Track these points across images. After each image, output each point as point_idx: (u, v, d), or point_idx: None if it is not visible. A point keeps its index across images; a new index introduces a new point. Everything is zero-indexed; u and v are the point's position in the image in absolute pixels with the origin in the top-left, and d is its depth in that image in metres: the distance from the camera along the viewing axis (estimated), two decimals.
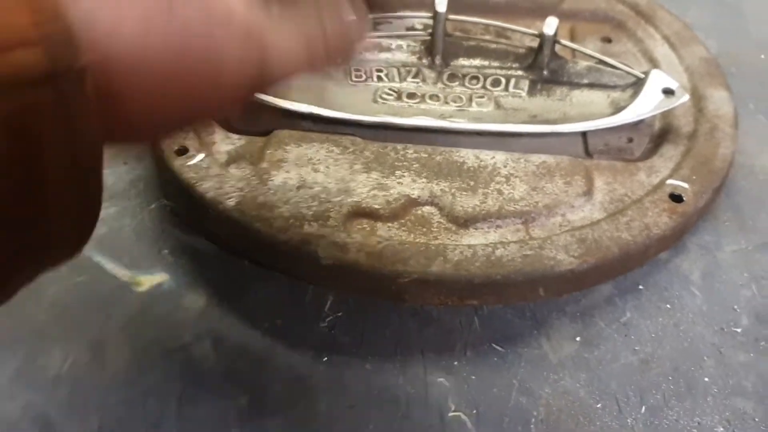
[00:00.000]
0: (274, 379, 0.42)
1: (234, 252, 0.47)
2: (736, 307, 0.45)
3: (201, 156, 0.47)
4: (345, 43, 0.32)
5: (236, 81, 0.27)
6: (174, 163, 0.47)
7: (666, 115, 0.54)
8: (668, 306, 0.45)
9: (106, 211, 0.51)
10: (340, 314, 0.45)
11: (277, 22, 0.27)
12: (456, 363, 0.43)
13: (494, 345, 0.43)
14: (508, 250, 0.43)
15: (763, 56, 0.64)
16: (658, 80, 0.50)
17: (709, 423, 0.40)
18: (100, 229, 0.48)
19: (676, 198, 0.47)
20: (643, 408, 0.41)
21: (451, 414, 0.41)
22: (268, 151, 0.48)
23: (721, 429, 0.40)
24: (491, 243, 0.43)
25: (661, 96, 0.49)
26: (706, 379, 0.42)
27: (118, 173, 0.54)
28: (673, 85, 0.49)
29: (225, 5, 0.25)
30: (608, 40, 0.61)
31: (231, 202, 0.45)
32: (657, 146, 0.52)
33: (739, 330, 0.44)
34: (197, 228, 0.48)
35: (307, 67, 0.29)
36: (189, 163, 0.47)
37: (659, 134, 0.53)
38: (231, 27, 0.25)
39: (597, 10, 0.63)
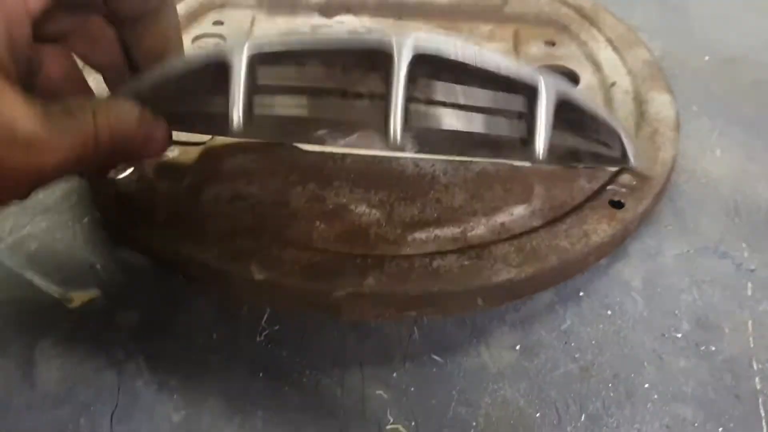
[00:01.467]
0: (210, 395, 0.41)
1: (167, 267, 0.46)
2: (677, 312, 0.45)
3: (131, 169, 0.46)
4: (124, 142, 0.35)
5: (13, 183, 0.31)
6: (104, 176, 0.45)
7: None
8: (609, 312, 0.45)
9: (38, 225, 0.50)
10: (277, 327, 0.44)
11: (53, 123, 0.31)
12: (395, 375, 0.42)
13: (434, 356, 0.43)
14: (446, 261, 0.43)
15: (707, 58, 0.64)
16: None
17: (649, 430, 0.40)
18: (31, 245, 0.46)
19: (615, 204, 0.46)
20: (583, 416, 0.40)
21: (389, 426, 0.40)
22: (201, 163, 0.47)
23: None
24: (429, 253, 0.43)
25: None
26: (646, 385, 0.41)
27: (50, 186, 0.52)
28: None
29: (8, 121, 0.28)
30: (552, 44, 0.61)
31: (161, 217, 0.44)
32: None
33: (679, 335, 0.44)
34: (130, 243, 0.47)
35: (81, 166, 0.33)
36: (119, 176, 0.45)
37: None
38: (13, 143, 0.29)
39: (540, 13, 0.63)
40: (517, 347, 0.43)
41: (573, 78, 0.59)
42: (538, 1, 0.64)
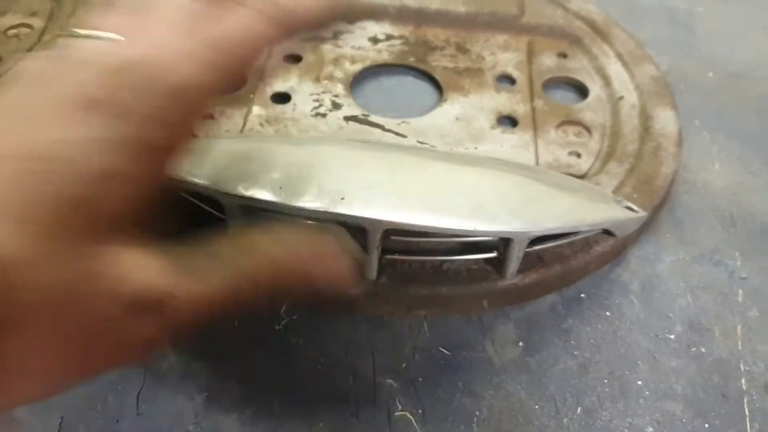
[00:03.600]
0: (230, 379, 0.44)
1: None
2: (671, 315, 0.48)
3: None
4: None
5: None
6: None
7: (615, 132, 0.56)
8: (608, 314, 0.48)
9: None
10: (294, 317, 0.47)
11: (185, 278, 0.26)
12: (404, 365, 0.45)
13: (441, 349, 0.46)
14: (455, 265, 0.46)
15: (711, 74, 0.66)
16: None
17: (640, 423, 0.42)
18: None
19: None
20: (579, 409, 0.43)
21: (398, 413, 0.43)
22: None
23: (651, 429, 0.42)
24: (439, 257, 0.46)
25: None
26: (640, 382, 0.44)
27: None
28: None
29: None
30: (564, 56, 0.64)
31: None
32: (604, 163, 0.54)
33: (672, 337, 0.46)
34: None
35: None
36: None
37: (607, 152, 0.56)
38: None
39: (555, 25, 0.66)
40: (521, 344, 0.46)
41: (582, 91, 0.61)
42: (553, 13, 0.67)
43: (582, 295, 0.49)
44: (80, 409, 0.43)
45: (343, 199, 0.42)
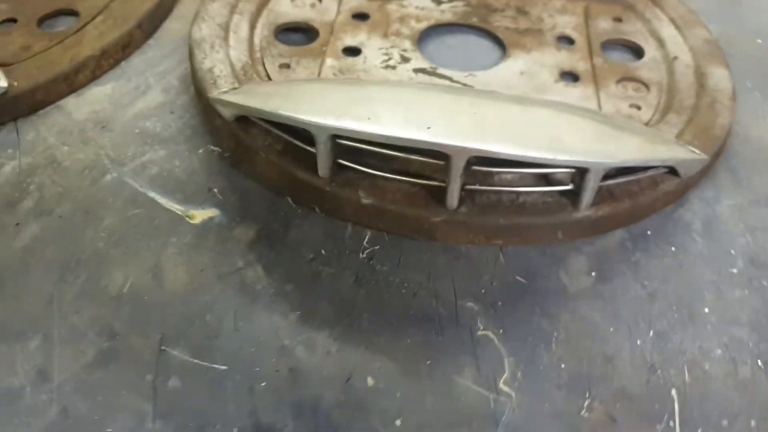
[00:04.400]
0: (321, 299, 0.47)
1: (279, 192, 0.51)
2: (732, 251, 0.50)
3: (228, 87, 0.52)
4: None
5: None
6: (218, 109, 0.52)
7: (671, 88, 0.59)
8: (673, 249, 0.50)
9: (157, 153, 0.56)
10: (377, 247, 0.50)
11: None
12: (483, 291, 0.48)
13: (518, 277, 0.48)
14: (531, 197, 0.48)
15: (759, 41, 0.69)
16: None
17: (709, 346, 0.45)
18: (152, 169, 0.53)
19: None
20: (651, 332, 0.46)
21: (480, 332, 0.46)
22: None
23: (720, 351, 0.45)
24: (516, 189, 0.48)
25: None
26: (706, 310, 0.47)
27: (166, 121, 0.59)
28: None
29: None
30: (619, 20, 0.67)
31: (279, 147, 0.50)
32: (663, 115, 0.57)
33: (735, 271, 0.49)
34: (245, 170, 0.53)
35: None
36: (218, 94, 0.51)
37: (665, 105, 0.58)
38: None
39: None
40: (593, 274, 0.49)
41: (638, 52, 0.64)
42: None
43: (648, 232, 0.51)
44: (179, 327, 0.46)
45: (429, 128, 0.44)
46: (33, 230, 0.51)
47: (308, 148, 0.48)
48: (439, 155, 0.46)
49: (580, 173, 0.46)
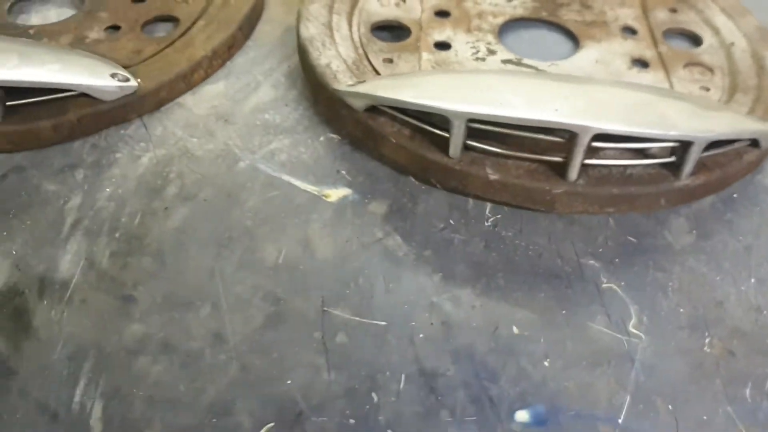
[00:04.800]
0: (458, 263, 0.53)
1: (403, 172, 0.57)
2: None
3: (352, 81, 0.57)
4: None
5: None
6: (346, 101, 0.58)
7: (733, 71, 0.66)
8: (758, 209, 0.57)
9: (282, 142, 0.62)
10: (499, 216, 0.56)
11: None
12: (601, 250, 0.54)
13: (629, 237, 0.55)
14: (637, 170, 0.55)
15: None
16: None
17: None
18: (280, 156, 0.58)
19: None
20: (753, 279, 0.52)
21: (604, 285, 0.52)
22: None
23: None
24: (622, 162, 0.55)
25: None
26: None
27: (282, 113, 0.64)
28: None
29: None
30: (674, 10, 0.74)
31: (407, 131, 0.56)
32: (731, 96, 0.64)
33: None
34: (368, 154, 0.59)
35: None
36: (343, 87, 0.57)
37: (731, 86, 0.65)
38: None
39: None
40: (693, 232, 0.55)
41: (696, 39, 0.71)
42: None
43: (735, 195, 0.58)
44: (336, 290, 0.52)
45: (556, 110, 0.51)
46: (182, 213, 0.56)
47: (437, 132, 0.54)
48: (559, 134, 0.52)
49: (682, 147, 0.53)
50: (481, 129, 0.52)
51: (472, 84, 0.54)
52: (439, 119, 0.53)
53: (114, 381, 0.47)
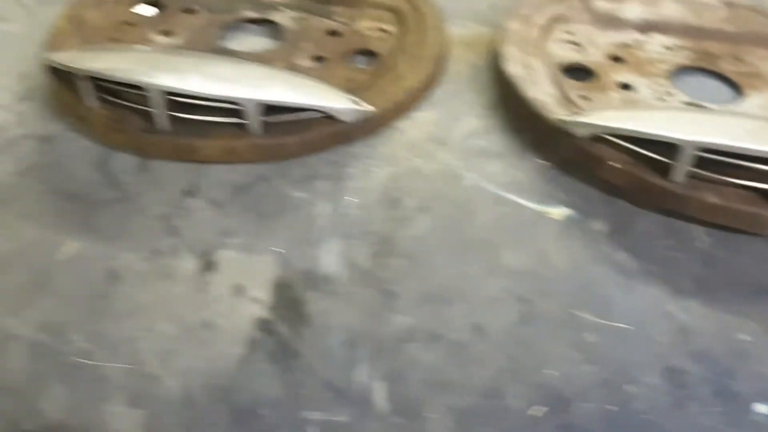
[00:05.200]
0: (681, 277, 0.60)
1: (617, 194, 0.65)
2: None
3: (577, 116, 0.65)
4: None
5: None
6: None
7: None
8: None
9: (496, 165, 0.70)
10: (715, 237, 0.63)
11: None
12: None
13: None
14: None
15: None
16: None
17: None
18: (499, 177, 0.66)
19: None
20: None
21: None
22: None
23: None
24: None
25: None
26: None
27: (491, 140, 0.72)
28: None
29: None
30: None
31: (627, 158, 0.64)
32: None
33: None
34: (583, 177, 0.67)
35: None
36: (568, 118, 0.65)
37: None
38: None
39: None
40: None
41: None
42: None
43: None
44: (577, 296, 0.59)
45: None
46: (424, 222, 0.63)
47: (660, 158, 0.62)
48: None
49: None
50: (703, 157, 0.59)
51: (696, 118, 0.61)
52: (662, 147, 0.60)
53: (390, 365, 0.54)
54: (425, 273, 0.59)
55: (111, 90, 0.67)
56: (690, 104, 0.73)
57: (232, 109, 0.65)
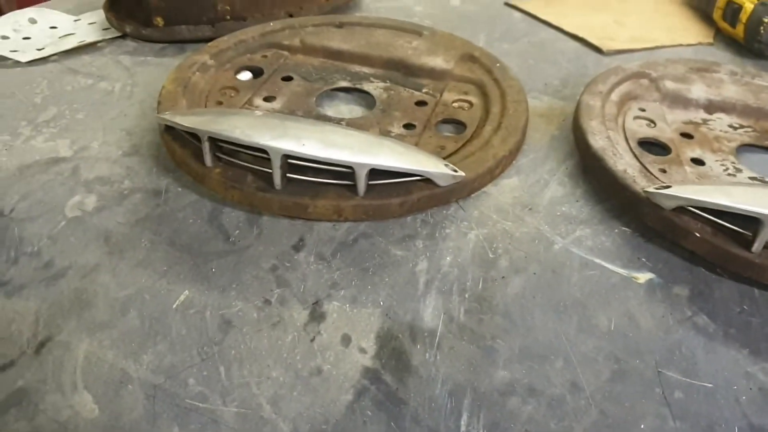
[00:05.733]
0: (759, 340, 0.65)
1: (696, 261, 0.70)
2: None
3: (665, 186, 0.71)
4: None
5: None
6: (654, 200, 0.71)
7: None
8: None
9: (583, 231, 0.75)
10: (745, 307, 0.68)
11: None
12: None
13: None
14: None
15: None
16: None
17: None
18: (586, 242, 0.71)
19: None
20: None
21: None
22: None
23: None
24: None
25: None
26: None
27: (576, 206, 0.78)
28: None
29: None
30: None
31: (709, 228, 0.69)
32: None
33: None
34: (665, 245, 0.72)
35: None
36: (653, 189, 0.71)
37: None
38: None
39: None
40: None
41: None
42: None
43: None
44: (664, 356, 0.63)
45: None
46: (518, 282, 0.68)
47: (740, 230, 0.67)
48: None
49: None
50: None
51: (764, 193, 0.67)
52: (743, 219, 0.66)
53: (492, 416, 0.59)
54: (522, 331, 0.64)
55: (228, 150, 0.74)
56: (755, 179, 0.78)
57: (341, 171, 0.71)
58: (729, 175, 0.79)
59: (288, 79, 0.93)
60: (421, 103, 0.89)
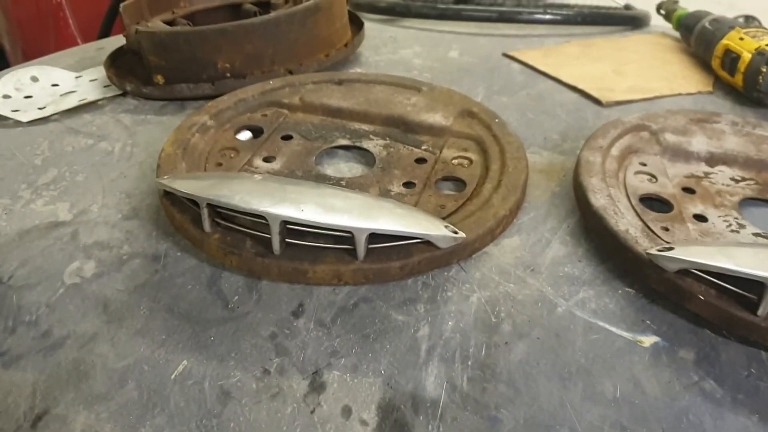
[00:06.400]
0: (758, 408, 0.64)
1: (701, 324, 0.69)
2: None
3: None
4: None
5: None
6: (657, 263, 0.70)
7: None
8: None
9: (586, 292, 0.74)
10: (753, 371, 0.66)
11: None
12: None
13: None
14: None
15: None
16: None
17: None
18: (590, 304, 0.70)
19: None
20: None
21: None
22: None
23: None
24: None
25: None
26: None
27: (578, 267, 0.77)
28: None
29: None
30: None
31: (714, 291, 0.68)
32: None
33: None
34: (669, 307, 0.71)
35: None
36: (654, 251, 0.70)
37: None
38: None
39: None
40: None
41: None
42: None
43: None
44: (672, 423, 0.62)
45: None
46: (521, 348, 0.67)
47: (746, 294, 0.66)
48: None
49: None
50: None
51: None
52: (748, 283, 0.65)
53: None
54: (527, 400, 0.62)
55: (227, 215, 0.73)
56: (758, 235, 0.78)
57: (340, 236, 0.70)
58: (732, 231, 0.78)
59: (288, 137, 0.93)
60: (420, 161, 0.89)
